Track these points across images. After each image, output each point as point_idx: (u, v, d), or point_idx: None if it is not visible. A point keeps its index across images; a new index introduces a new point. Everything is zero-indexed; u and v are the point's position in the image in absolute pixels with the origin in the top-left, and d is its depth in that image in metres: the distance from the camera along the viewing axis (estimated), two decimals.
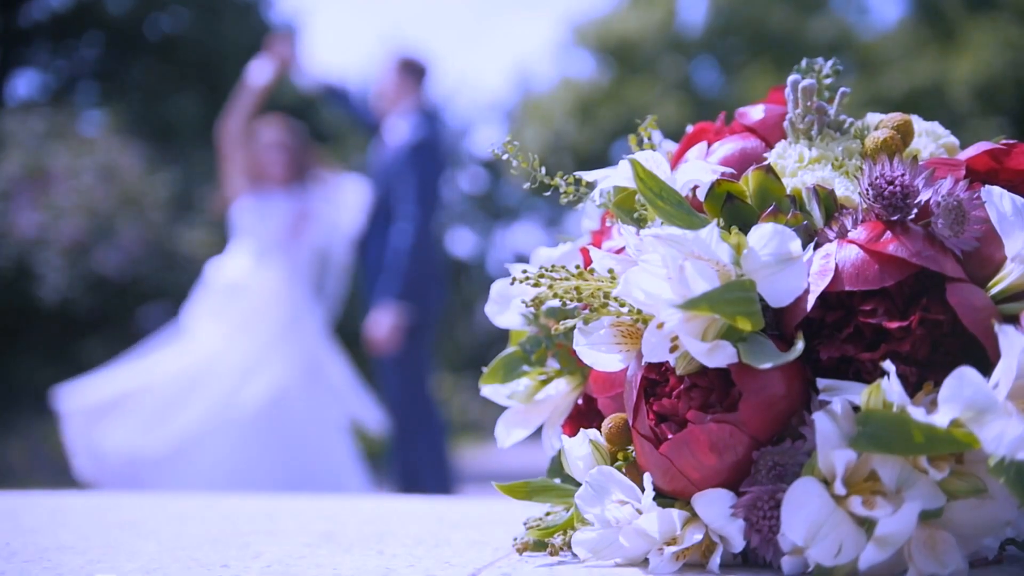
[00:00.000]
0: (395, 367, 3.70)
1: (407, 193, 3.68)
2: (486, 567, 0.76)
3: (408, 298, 3.64)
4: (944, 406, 0.60)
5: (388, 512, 1.23)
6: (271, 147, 3.86)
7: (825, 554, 0.61)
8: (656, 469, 0.70)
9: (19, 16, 12.16)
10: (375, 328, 3.63)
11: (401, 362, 3.69)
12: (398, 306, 3.62)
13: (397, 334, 3.61)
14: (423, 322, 3.74)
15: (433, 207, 3.79)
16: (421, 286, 3.70)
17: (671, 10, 14.05)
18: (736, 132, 0.85)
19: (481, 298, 13.42)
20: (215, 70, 11.87)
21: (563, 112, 13.67)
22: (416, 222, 3.66)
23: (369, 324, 3.67)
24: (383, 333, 3.60)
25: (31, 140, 8.22)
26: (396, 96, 3.86)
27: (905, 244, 0.66)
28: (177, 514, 1.23)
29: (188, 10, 12.40)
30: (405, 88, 3.85)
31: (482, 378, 0.90)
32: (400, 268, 3.64)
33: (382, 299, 3.65)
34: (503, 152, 0.83)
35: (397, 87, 3.86)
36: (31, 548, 0.90)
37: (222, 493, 2.04)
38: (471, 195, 16.92)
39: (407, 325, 3.65)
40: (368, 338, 3.67)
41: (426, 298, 3.75)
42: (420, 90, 3.90)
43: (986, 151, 0.75)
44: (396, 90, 3.86)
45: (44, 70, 12.61)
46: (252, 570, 0.77)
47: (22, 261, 7.58)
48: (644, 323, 0.70)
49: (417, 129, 3.75)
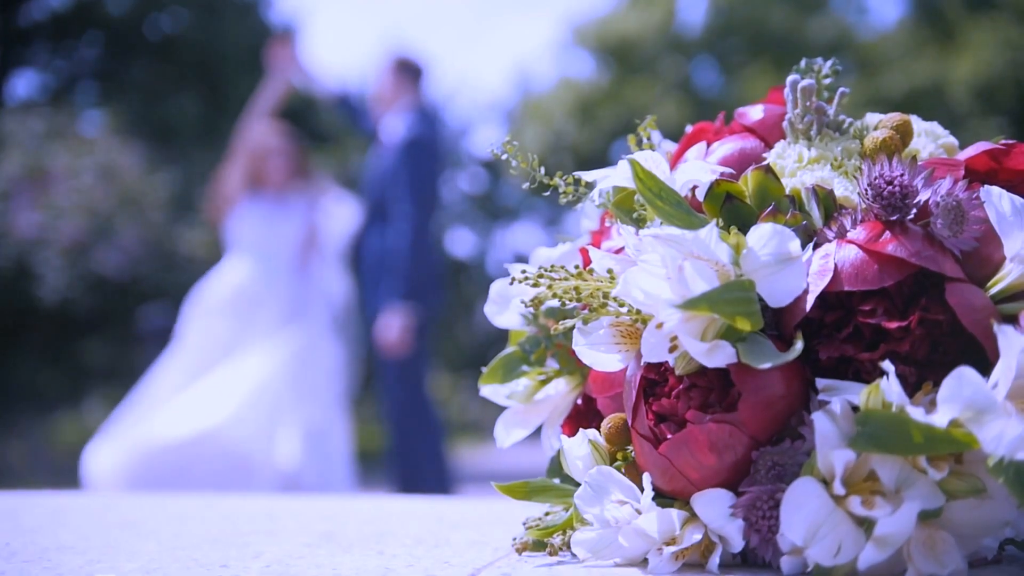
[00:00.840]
0: (396, 367, 3.69)
1: (403, 193, 3.67)
2: (486, 567, 0.76)
3: (413, 298, 3.64)
4: (943, 406, 0.60)
5: (388, 512, 1.23)
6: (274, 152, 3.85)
7: (824, 554, 0.61)
8: (655, 469, 0.70)
9: (19, 16, 12.16)
10: (385, 331, 3.60)
11: (402, 362, 3.68)
12: (405, 307, 3.60)
13: (408, 335, 3.60)
14: (424, 322, 3.74)
15: (430, 206, 3.77)
16: (422, 286, 3.70)
17: (671, 10, 14.05)
18: (735, 132, 0.85)
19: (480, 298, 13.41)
20: (215, 70, 11.88)
21: (563, 112, 13.67)
22: (413, 222, 3.64)
23: (378, 328, 3.65)
24: (394, 336, 3.58)
25: (31, 140, 8.23)
26: (392, 96, 3.86)
27: (904, 244, 0.66)
28: (177, 514, 1.23)
29: (188, 10, 12.41)
30: (401, 88, 3.85)
31: (481, 378, 0.90)
32: (402, 269, 3.63)
33: (388, 302, 3.63)
34: (503, 152, 0.83)
35: (393, 87, 3.86)
36: (31, 548, 0.90)
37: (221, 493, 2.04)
38: (471, 195, 16.92)
39: (416, 326, 3.64)
40: (378, 342, 3.65)
41: (427, 298, 3.74)
42: (416, 89, 3.90)
43: (985, 151, 0.75)
44: (392, 90, 3.86)
45: (44, 70, 12.61)
46: (252, 570, 0.77)
47: (22, 261, 7.58)
48: (643, 323, 0.70)
49: (412, 127, 3.74)
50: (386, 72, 3.89)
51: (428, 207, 3.74)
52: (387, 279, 3.67)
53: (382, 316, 3.64)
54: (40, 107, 10.21)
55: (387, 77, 3.88)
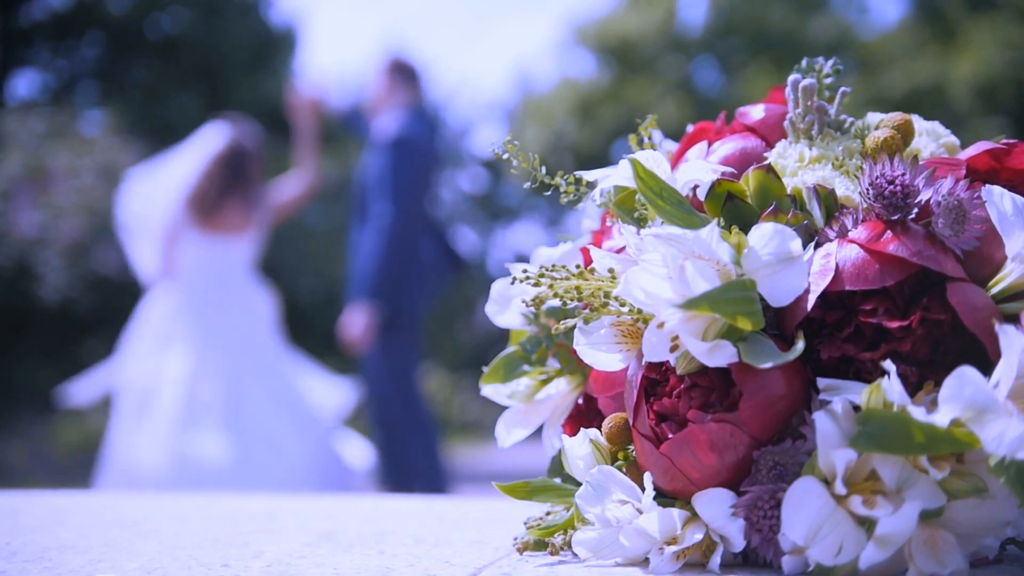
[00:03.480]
0: (378, 367, 3.73)
1: (383, 191, 3.71)
2: (486, 567, 0.76)
3: (382, 297, 3.66)
4: (944, 406, 0.60)
5: (388, 511, 1.23)
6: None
7: (825, 554, 0.61)
8: (656, 469, 0.70)
9: (20, 16, 12.17)
10: (347, 328, 3.68)
11: (383, 362, 3.71)
12: (370, 305, 3.64)
13: (369, 333, 3.64)
14: (402, 321, 3.75)
15: (413, 203, 3.77)
16: (399, 284, 3.71)
17: (671, 10, 14.06)
18: (736, 132, 0.85)
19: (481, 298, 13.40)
20: (215, 70, 11.89)
21: (563, 112, 13.68)
22: (387, 220, 3.66)
23: (341, 324, 3.73)
24: (355, 332, 3.65)
25: (31, 140, 8.23)
26: (386, 97, 3.90)
27: (905, 244, 0.66)
28: (177, 513, 1.23)
29: (188, 10, 12.42)
30: (395, 89, 3.89)
31: (482, 378, 0.90)
32: (370, 268, 3.67)
33: (355, 299, 3.70)
34: (503, 152, 0.83)
35: (387, 89, 3.90)
36: (32, 548, 0.90)
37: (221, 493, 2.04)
38: (472, 195, 16.92)
39: (382, 324, 3.67)
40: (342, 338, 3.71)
41: (407, 296, 3.76)
42: (411, 90, 3.93)
43: (986, 151, 0.75)
44: (386, 92, 3.90)
45: (44, 70, 12.62)
46: (253, 569, 0.77)
47: (22, 261, 7.58)
48: (644, 323, 0.70)
49: (400, 125, 3.77)
50: (380, 74, 3.92)
51: (408, 205, 3.74)
52: (356, 276, 3.73)
53: (345, 313, 3.70)
54: (41, 107, 10.21)
55: (381, 78, 3.91)
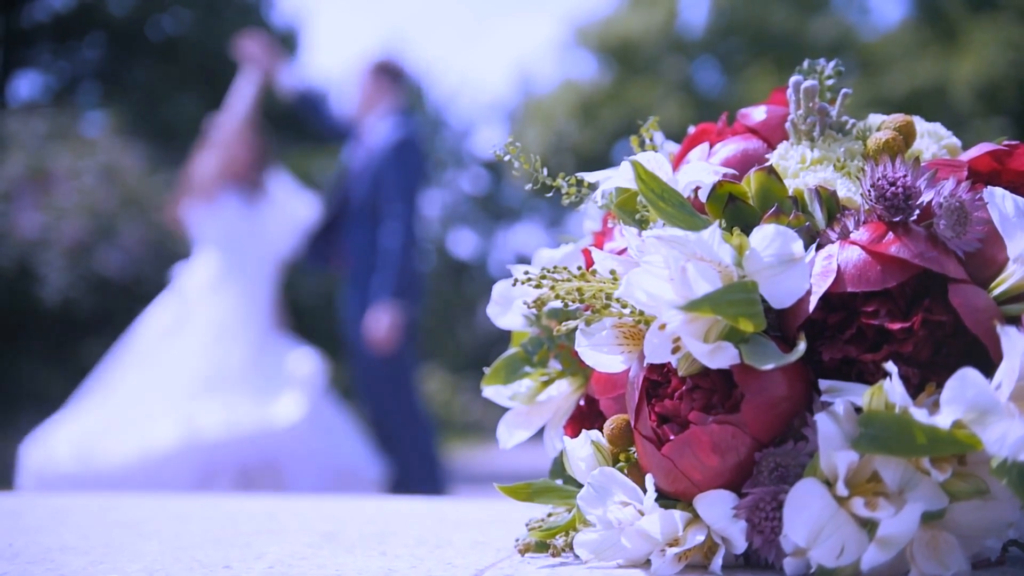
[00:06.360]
0: (384, 366, 3.72)
1: (394, 193, 3.73)
2: (488, 568, 0.76)
3: (403, 296, 3.67)
4: (946, 407, 0.60)
5: (390, 513, 1.23)
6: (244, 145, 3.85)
7: (827, 555, 0.61)
8: (658, 470, 0.70)
9: (21, 17, 12.18)
10: (373, 327, 3.65)
11: (391, 361, 3.70)
12: (395, 304, 3.64)
13: (396, 332, 3.64)
14: (412, 321, 3.78)
15: (417, 207, 3.84)
16: (410, 285, 3.73)
17: (672, 11, 14.06)
18: (738, 133, 0.85)
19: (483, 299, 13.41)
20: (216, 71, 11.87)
21: (565, 113, 13.68)
22: (405, 220, 3.70)
23: (367, 324, 3.69)
24: (382, 332, 3.62)
25: (33, 141, 8.23)
26: (372, 100, 3.92)
27: (907, 245, 0.66)
28: (179, 514, 1.23)
29: (189, 11, 12.43)
30: (381, 91, 3.91)
31: (484, 379, 0.90)
32: (394, 266, 3.67)
33: (378, 299, 3.68)
34: (505, 153, 0.83)
35: (373, 91, 3.92)
36: (33, 548, 0.90)
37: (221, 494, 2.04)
38: (473, 196, 16.92)
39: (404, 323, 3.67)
40: (367, 338, 3.68)
41: (415, 298, 3.78)
42: (397, 92, 3.96)
43: (988, 152, 0.75)
44: (372, 94, 3.92)
45: (46, 71, 12.63)
46: (254, 570, 0.77)
47: (24, 262, 7.58)
48: (646, 324, 0.70)
49: (398, 129, 3.81)
50: (365, 75, 3.94)
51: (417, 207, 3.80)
52: (378, 276, 3.71)
53: (371, 312, 3.68)
54: (42, 108, 10.21)
55: (366, 81, 3.93)
